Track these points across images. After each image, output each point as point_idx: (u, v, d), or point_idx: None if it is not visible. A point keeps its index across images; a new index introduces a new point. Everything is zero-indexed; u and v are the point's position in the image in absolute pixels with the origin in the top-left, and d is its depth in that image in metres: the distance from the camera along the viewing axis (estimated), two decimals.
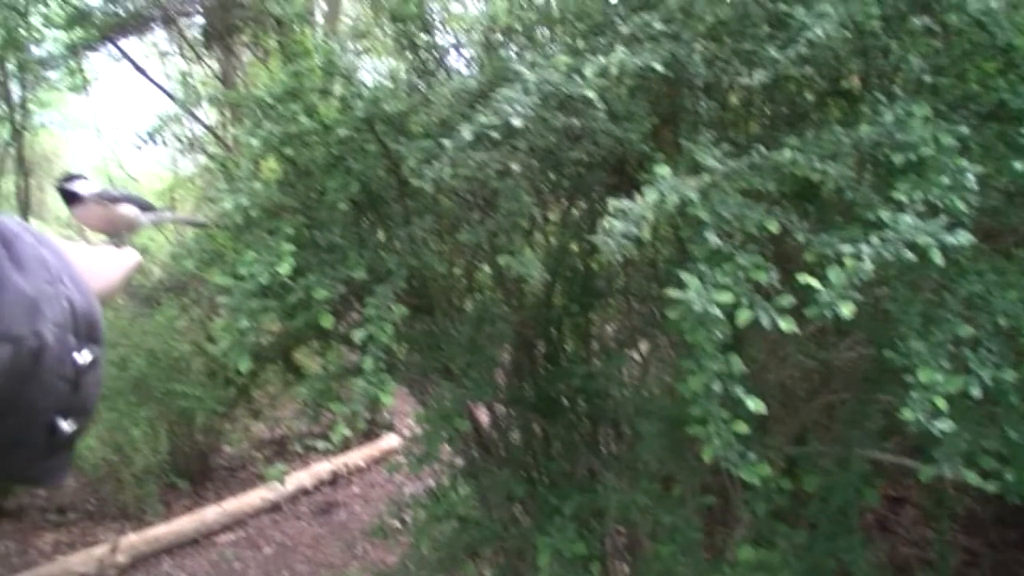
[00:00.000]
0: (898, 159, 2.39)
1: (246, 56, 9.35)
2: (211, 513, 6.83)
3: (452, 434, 3.23)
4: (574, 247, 3.54)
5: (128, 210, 1.80)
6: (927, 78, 2.66)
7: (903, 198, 2.32)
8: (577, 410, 3.63)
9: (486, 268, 3.55)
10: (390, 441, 8.18)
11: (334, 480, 7.64)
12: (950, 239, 2.21)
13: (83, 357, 0.69)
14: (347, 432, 2.82)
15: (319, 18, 9.56)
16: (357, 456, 7.87)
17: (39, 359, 0.63)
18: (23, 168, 10.93)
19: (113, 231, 1.80)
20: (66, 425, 0.69)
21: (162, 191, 12.22)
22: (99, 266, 1.00)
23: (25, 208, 11.10)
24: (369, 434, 8.11)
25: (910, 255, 2.20)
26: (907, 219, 2.24)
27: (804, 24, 2.42)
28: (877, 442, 3.08)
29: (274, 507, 7.17)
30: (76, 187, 1.79)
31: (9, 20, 9.43)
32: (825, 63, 2.65)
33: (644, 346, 3.73)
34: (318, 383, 3.15)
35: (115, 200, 1.79)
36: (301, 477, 7.46)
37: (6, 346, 0.60)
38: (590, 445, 3.62)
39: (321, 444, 7.40)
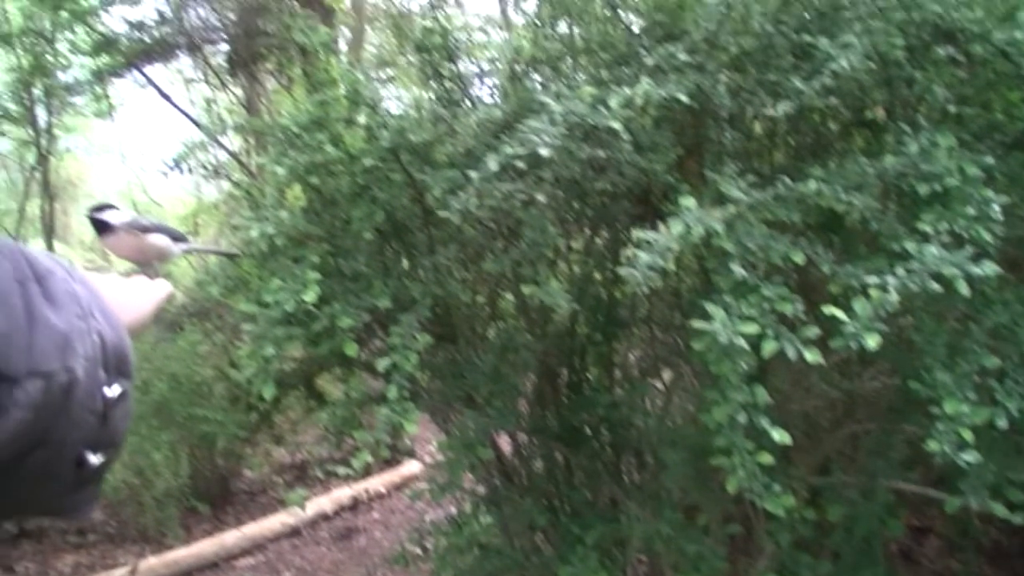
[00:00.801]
0: (923, 189, 2.39)
1: (270, 83, 9.42)
2: (231, 537, 6.82)
3: (475, 462, 3.23)
4: (598, 276, 3.54)
5: (159, 240, 1.81)
6: (952, 108, 2.66)
7: (928, 229, 2.32)
8: (600, 439, 3.62)
9: (509, 296, 3.55)
10: (411, 467, 8.17)
11: (354, 506, 7.62)
12: (976, 270, 2.21)
13: (112, 391, 0.70)
14: (369, 459, 2.82)
15: (342, 46, 9.63)
16: (378, 482, 7.85)
17: (69, 394, 0.64)
18: (48, 192, 11.02)
19: (144, 260, 1.81)
20: (94, 458, 0.69)
21: (186, 216, 12.30)
22: (130, 298, 1.01)
23: (50, 232, 11.19)
24: (390, 460, 8.10)
25: (936, 286, 2.19)
26: (932, 250, 2.24)
27: (829, 55, 2.43)
28: (901, 472, 3.06)
29: (294, 532, 7.15)
30: (107, 216, 1.80)
31: (36, 46, 9.55)
32: (849, 93, 2.66)
33: (667, 375, 3.72)
34: (341, 410, 3.15)
35: (146, 230, 1.80)
36: (321, 502, 7.44)
37: (38, 381, 0.60)
38: (613, 474, 3.61)
39: (342, 469, 7.38)
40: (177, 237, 1.85)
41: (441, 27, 3.22)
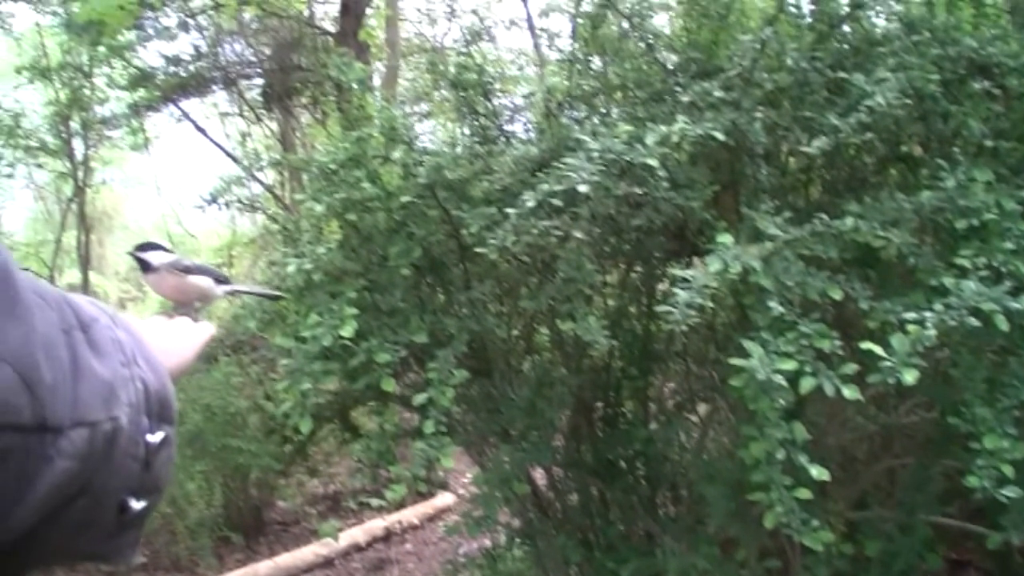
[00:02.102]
0: (960, 224, 2.39)
1: (305, 117, 9.50)
2: (264, 568, 6.82)
3: (510, 496, 3.22)
4: (633, 310, 3.54)
5: (201, 281, 1.81)
6: (988, 142, 2.65)
7: (966, 263, 2.32)
8: (635, 473, 3.61)
9: (545, 331, 3.56)
10: (444, 499, 8.14)
11: (387, 537, 7.60)
12: (1014, 304, 2.20)
13: (155, 437, 0.70)
14: (404, 491, 2.83)
15: (376, 80, 9.70)
16: (411, 513, 7.83)
17: (113, 442, 0.64)
18: (84, 224, 11.15)
19: (185, 301, 1.81)
20: (136, 504, 0.69)
21: (220, 248, 12.38)
22: (173, 343, 1.02)
23: (85, 263, 11.31)
24: (423, 492, 8.08)
25: (974, 321, 2.18)
26: (970, 285, 2.23)
27: (864, 91, 2.44)
28: (939, 506, 3.03)
29: (327, 563, 7.14)
30: (149, 256, 1.80)
31: (74, 80, 9.70)
32: (885, 129, 2.65)
33: (703, 409, 3.71)
34: (376, 443, 3.16)
35: (188, 270, 1.80)
36: (354, 533, 7.43)
37: (83, 431, 0.61)
38: (648, 508, 3.59)
39: (375, 501, 7.36)
40: (220, 279, 1.85)
41: (476, 64, 3.24)
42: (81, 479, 0.62)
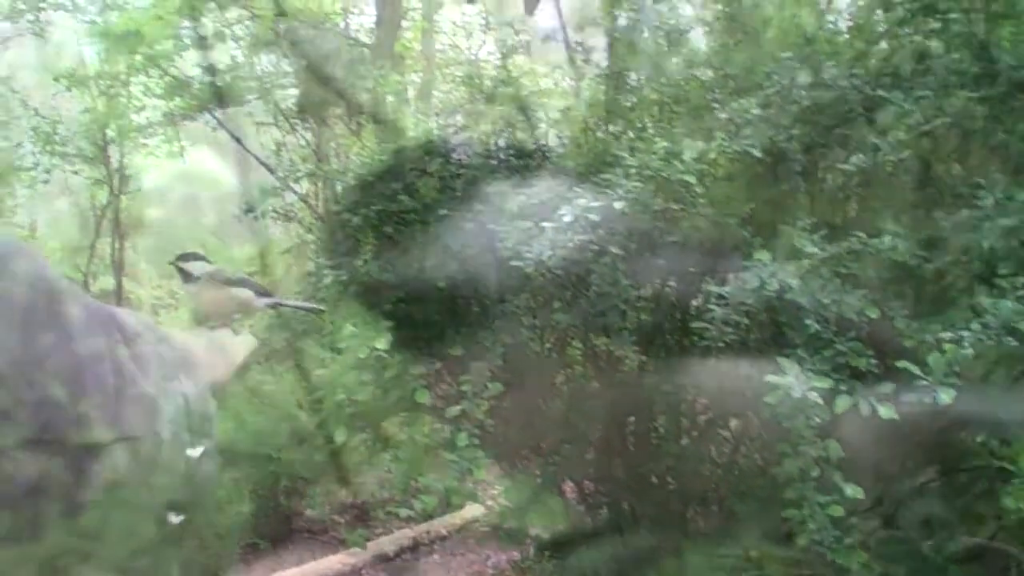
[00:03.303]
0: (999, 243, 2.37)
1: (339, 128, 9.52)
2: (290, 575, 6.83)
3: (541, 510, 3.22)
4: (667, 325, 3.53)
5: (241, 293, 1.81)
6: None
7: (1003, 283, 2.30)
8: (666, 488, 3.60)
9: (578, 344, 3.56)
10: (473, 510, 8.12)
11: (415, 547, 7.60)
12: None
13: (195, 451, 0.71)
14: (435, 501, 2.83)
15: (411, 92, 9.71)
16: (439, 524, 7.82)
17: (155, 456, 0.65)
18: (118, 230, 11.20)
19: (225, 312, 1.81)
20: (175, 518, 0.71)
21: (253, 257, 12.40)
22: (215, 356, 1.03)
23: (119, 269, 11.36)
24: (452, 502, 8.03)
25: (1011, 341, 2.17)
26: (1008, 304, 2.22)
27: (902, 109, 2.43)
28: (972, 526, 3.01)
29: (354, 572, 7.13)
30: (190, 267, 1.80)
31: (111, 88, 9.79)
32: (922, 147, 2.65)
33: (735, 424, 3.69)
34: (406, 454, 3.17)
35: (229, 282, 1.80)
36: (382, 543, 7.43)
37: (125, 446, 0.62)
38: (679, 523, 3.58)
39: (403, 511, 7.31)
40: (260, 291, 1.85)
41: (512, 77, 3.26)
42: (122, 492, 0.63)
